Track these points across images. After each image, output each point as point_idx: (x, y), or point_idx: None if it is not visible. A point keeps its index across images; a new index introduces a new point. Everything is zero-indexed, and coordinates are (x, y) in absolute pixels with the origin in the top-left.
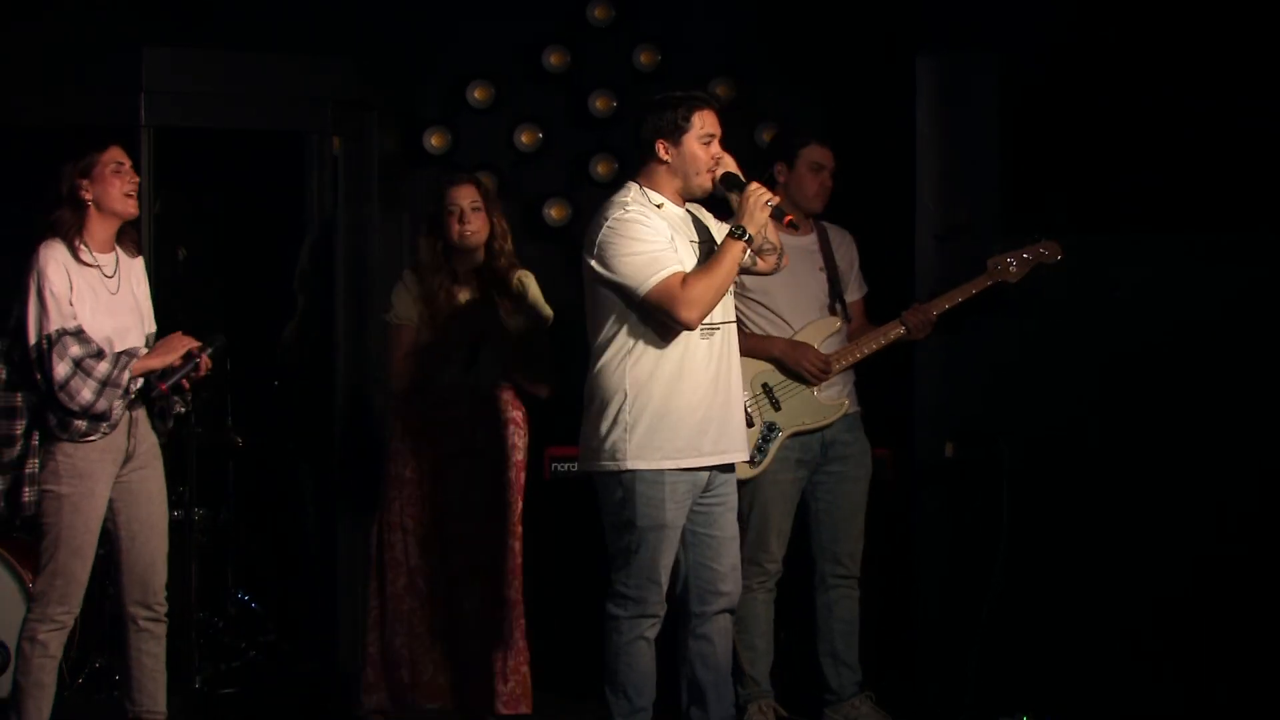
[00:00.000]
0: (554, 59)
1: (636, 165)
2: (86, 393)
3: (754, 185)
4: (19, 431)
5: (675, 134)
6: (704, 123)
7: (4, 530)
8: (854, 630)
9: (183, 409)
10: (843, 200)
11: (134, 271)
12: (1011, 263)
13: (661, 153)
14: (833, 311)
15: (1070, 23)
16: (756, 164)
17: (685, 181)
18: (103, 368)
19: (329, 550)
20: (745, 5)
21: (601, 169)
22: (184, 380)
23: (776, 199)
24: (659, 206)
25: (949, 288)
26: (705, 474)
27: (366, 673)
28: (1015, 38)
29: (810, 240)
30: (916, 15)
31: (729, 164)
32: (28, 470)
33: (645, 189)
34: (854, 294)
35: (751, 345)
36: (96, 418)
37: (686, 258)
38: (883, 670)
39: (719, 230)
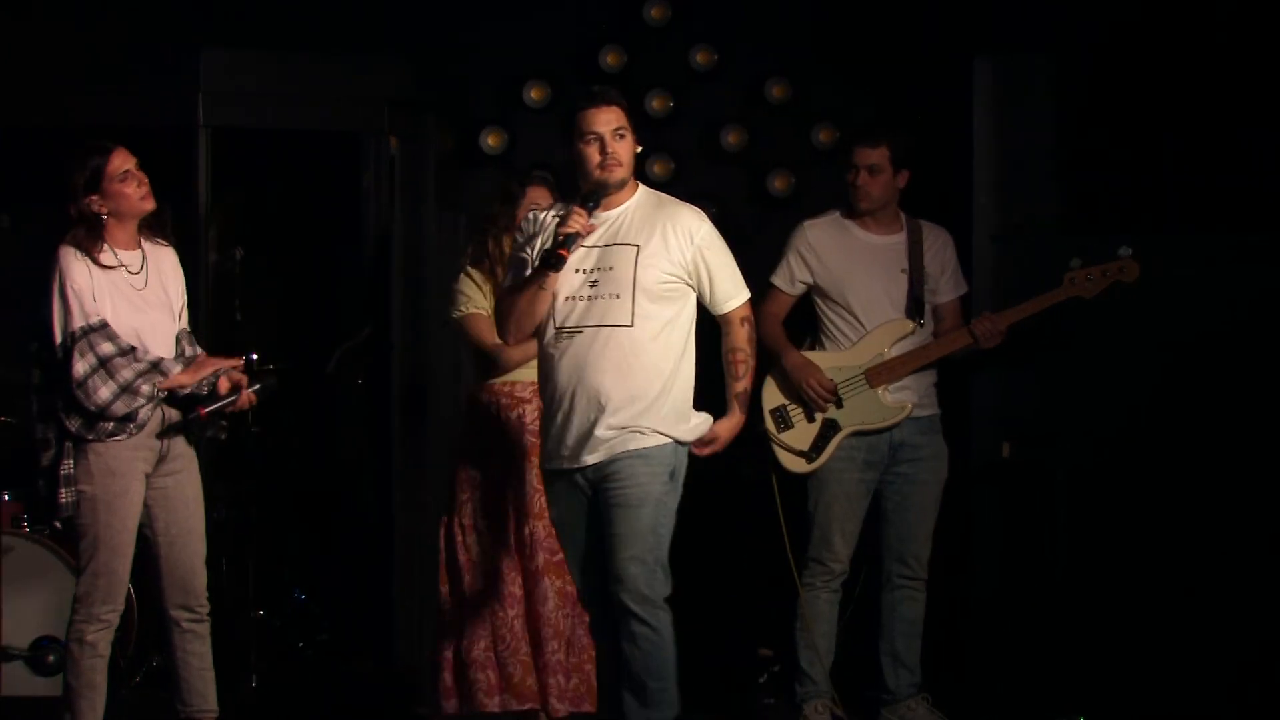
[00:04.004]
0: (610, 59)
1: None
2: (104, 392)
3: (573, 209)
4: (53, 434)
5: (570, 137)
6: (583, 122)
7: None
8: (916, 632)
9: (221, 436)
10: (900, 199)
11: (163, 262)
12: (1090, 278)
13: (572, 155)
14: (909, 314)
15: (1126, 23)
16: (812, 164)
17: (585, 181)
18: (126, 373)
19: (385, 550)
20: (801, 5)
21: (658, 169)
22: (223, 409)
23: (570, 229)
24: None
25: (1023, 299)
26: (579, 475)
27: (444, 678)
28: (1071, 38)
29: (897, 239)
30: (972, 15)
31: (619, 171)
32: (63, 472)
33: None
34: (947, 295)
35: (775, 342)
36: (120, 419)
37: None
38: (939, 671)
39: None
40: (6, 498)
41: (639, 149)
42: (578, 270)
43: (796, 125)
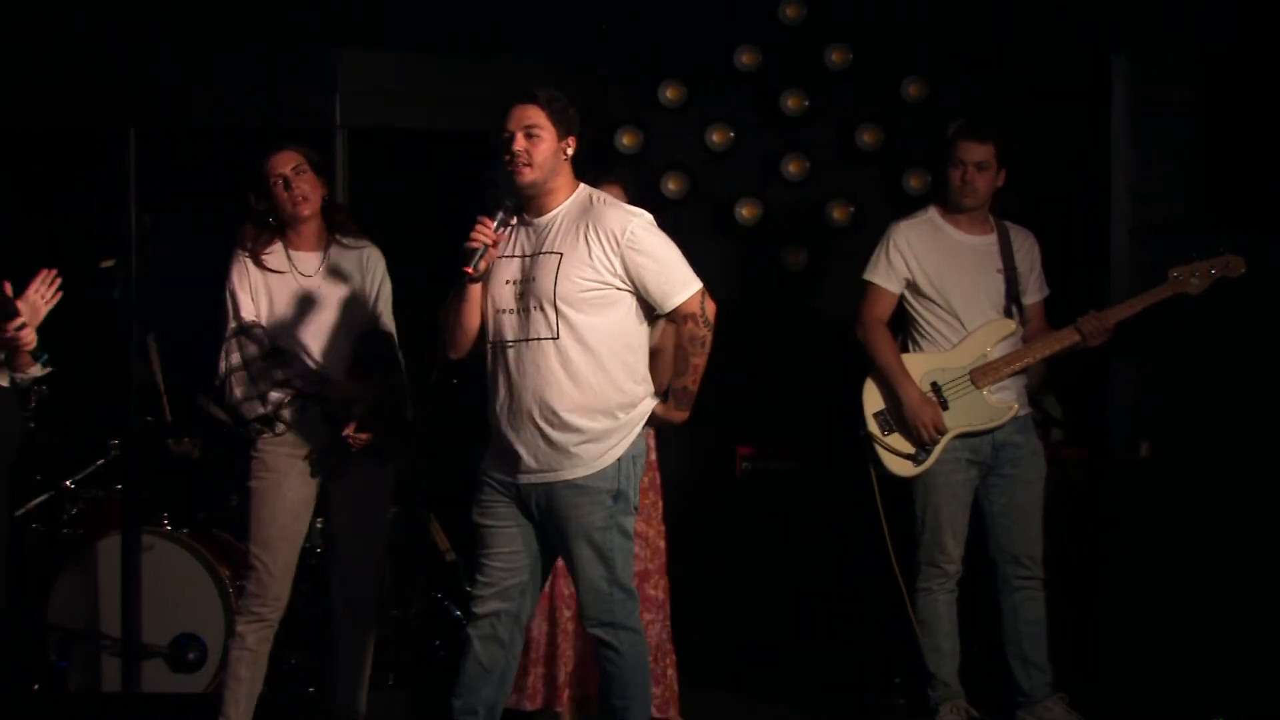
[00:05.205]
0: (745, 58)
1: None
2: (238, 391)
3: (479, 221)
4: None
5: None
6: (504, 122)
7: (205, 529)
8: (1042, 631)
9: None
10: (1036, 198)
11: (347, 264)
12: (1194, 274)
13: None
14: (1008, 313)
15: (1264, 19)
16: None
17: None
18: (262, 383)
19: None
20: (937, 3)
21: (793, 168)
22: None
23: (471, 243)
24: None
25: (1130, 295)
26: (517, 488)
27: None
28: (1209, 34)
29: (989, 240)
30: (1109, 12)
31: (528, 173)
32: (238, 471)
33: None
34: (1034, 296)
35: (892, 371)
36: (257, 420)
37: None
38: (1077, 672)
39: (561, 239)
40: (146, 496)
41: (569, 151)
42: (508, 282)
43: (933, 124)
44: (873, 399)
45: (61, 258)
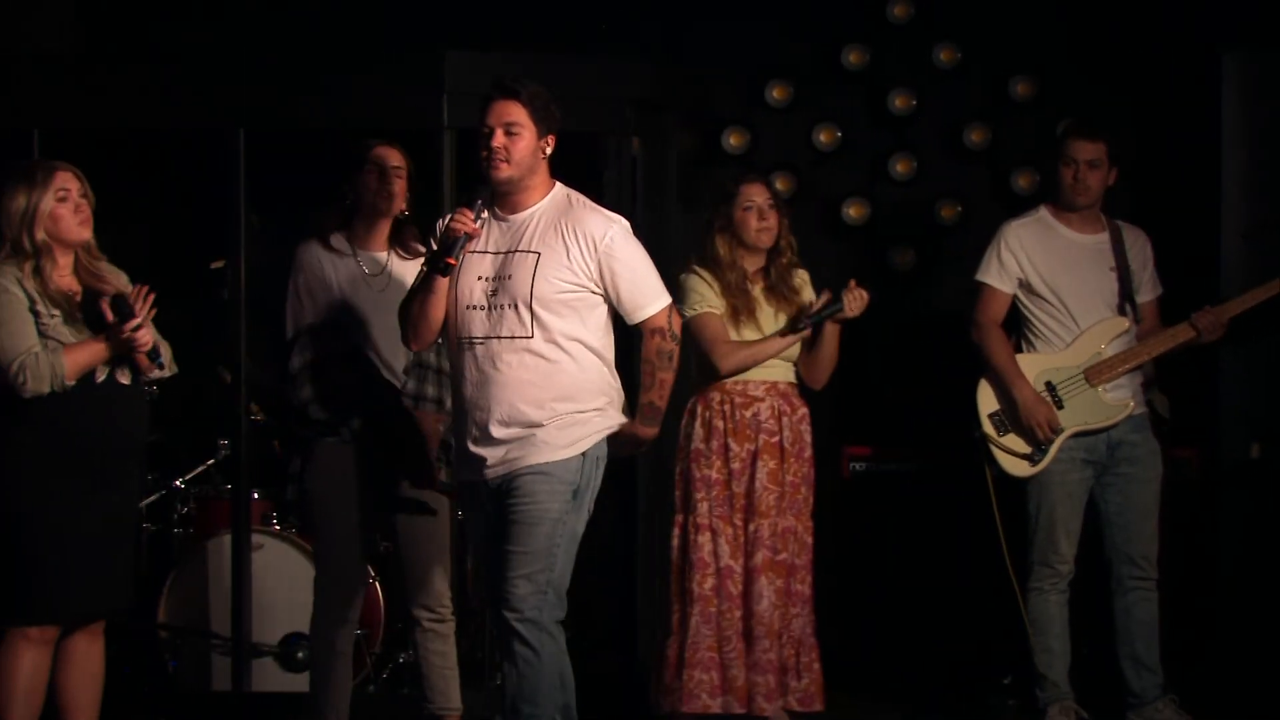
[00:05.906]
0: (853, 57)
1: None
2: (307, 390)
3: (459, 211)
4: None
5: None
6: (483, 117)
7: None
8: (1154, 632)
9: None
10: (1146, 197)
11: (408, 273)
12: None
13: None
14: (1122, 312)
15: None
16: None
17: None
18: (331, 383)
19: (628, 546)
20: (1046, 1)
21: (901, 168)
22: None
23: (453, 233)
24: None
25: (1245, 290)
26: (486, 486)
27: (664, 675)
28: None
29: (1101, 239)
30: (1220, 9)
31: (505, 169)
32: (291, 470)
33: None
34: (1147, 294)
35: (1006, 372)
36: (324, 422)
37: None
38: (1187, 673)
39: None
40: (256, 496)
41: (548, 149)
42: (480, 278)
43: (1041, 123)
44: (987, 400)
45: (171, 258)
